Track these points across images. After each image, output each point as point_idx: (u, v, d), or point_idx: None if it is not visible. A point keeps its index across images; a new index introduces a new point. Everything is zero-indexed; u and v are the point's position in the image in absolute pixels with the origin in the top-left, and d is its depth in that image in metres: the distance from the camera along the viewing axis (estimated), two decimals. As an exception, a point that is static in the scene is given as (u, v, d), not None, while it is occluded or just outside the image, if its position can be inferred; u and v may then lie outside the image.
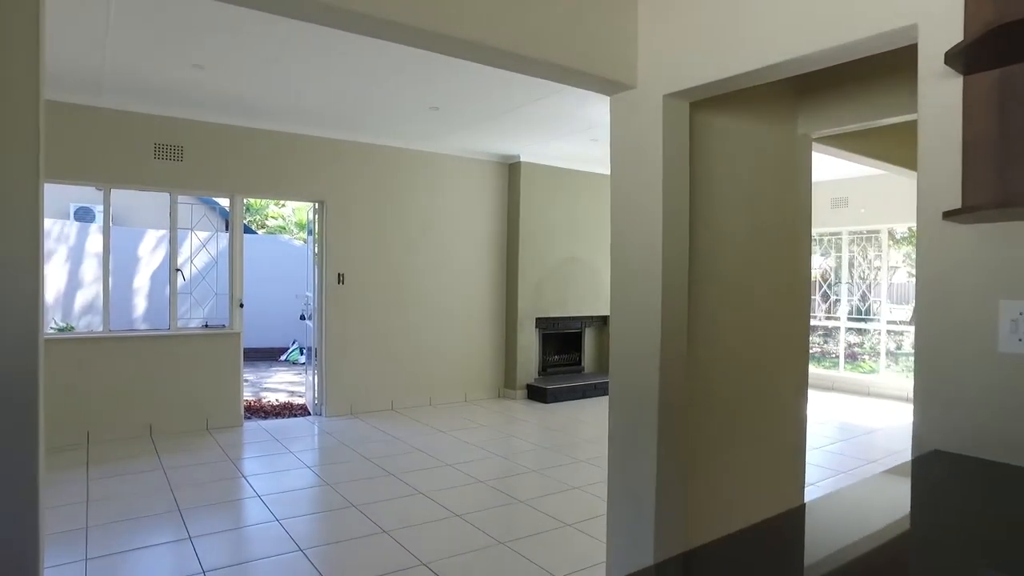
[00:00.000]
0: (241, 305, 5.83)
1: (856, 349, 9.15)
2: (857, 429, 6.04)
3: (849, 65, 2.96)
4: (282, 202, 19.47)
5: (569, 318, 7.92)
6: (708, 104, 2.66)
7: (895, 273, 9.25)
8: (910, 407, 7.13)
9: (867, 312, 9.68)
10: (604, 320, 8.25)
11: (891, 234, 8.63)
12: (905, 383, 7.80)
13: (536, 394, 7.34)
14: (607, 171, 8.10)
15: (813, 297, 9.45)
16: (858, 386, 8.09)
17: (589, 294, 8.04)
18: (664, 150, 2.39)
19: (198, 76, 4.45)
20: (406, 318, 6.73)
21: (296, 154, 6.01)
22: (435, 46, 2.11)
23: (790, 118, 3.23)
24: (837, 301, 9.31)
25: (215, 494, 3.99)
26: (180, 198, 5.59)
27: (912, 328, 11.54)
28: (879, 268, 9.56)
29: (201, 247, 5.86)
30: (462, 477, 4.42)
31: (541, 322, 7.63)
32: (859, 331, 8.87)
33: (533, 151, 7.03)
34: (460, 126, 5.90)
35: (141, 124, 5.21)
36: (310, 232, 6.85)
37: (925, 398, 1.69)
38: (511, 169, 7.47)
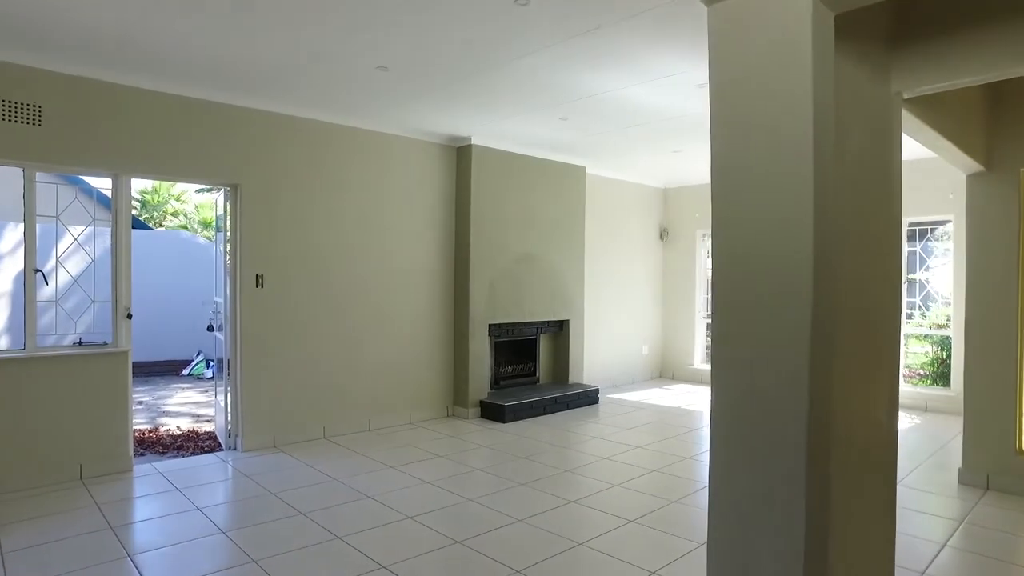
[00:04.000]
0: (129, 316, 4.56)
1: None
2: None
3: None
4: (183, 197, 17.52)
5: (524, 324, 7.03)
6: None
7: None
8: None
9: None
10: (561, 325, 7.43)
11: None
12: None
13: (491, 412, 6.40)
14: (571, 160, 7.29)
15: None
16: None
17: (547, 296, 7.19)
18: (815, 85, 1.53)
19: (57, 3, 3.21)
20: (339, 327, 5.62)
21: (202, 124, 4.78)
22: None
23: (882, 69, 2.47)
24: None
25: (86, 589, 2.81)
26: (39, 176, 4.25)
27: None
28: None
29: (74, 243, 4.53)
30: (433, 537, 3.42)
31: (494, 329, 6.70)
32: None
33: (487, 131, 6.09)
34: (408, 95, 4.87)
35: (-20, 74, 3.87)
36: (219, 229, 5.61)
37: None
38: (460, 153, 6.50)
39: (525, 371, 7.35)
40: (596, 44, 3.74)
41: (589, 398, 7.18)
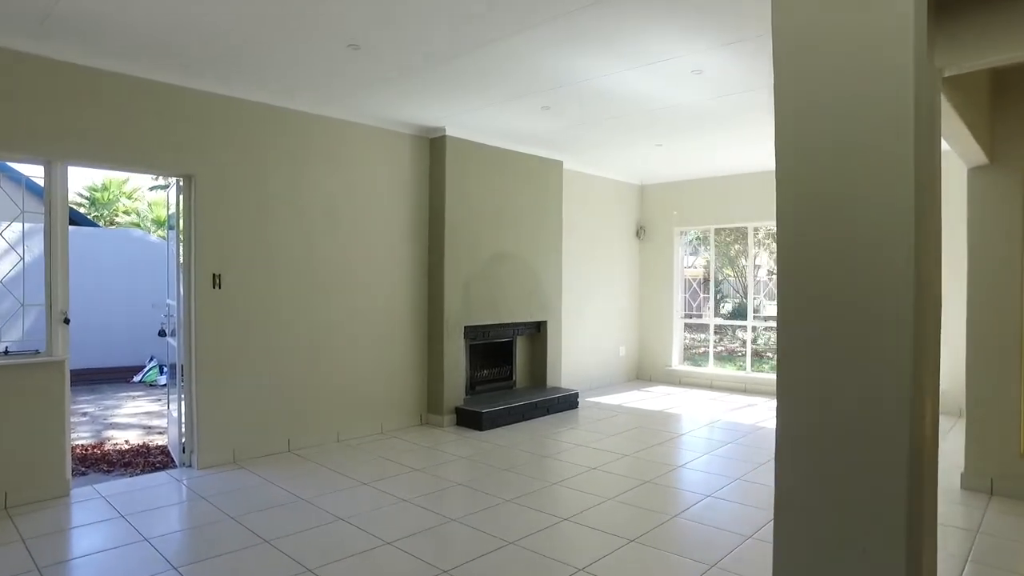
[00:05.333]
0: (67, 321, 4.06)
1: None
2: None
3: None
4: (135, 195, 16.65)
5: (500, 325, 6.70)
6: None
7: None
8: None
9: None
10: (538, 326, 7.12)
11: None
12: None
13: (468, 419, 6.05)
14: (549, 154, 6.99)
15: (704, 295, 8.93)
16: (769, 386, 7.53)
17: (523, 297, 6.87)
18: (915, 43, 1.25)
19: (-26, -44, 2.76)
20: (304, 330, 5.19)
21: (151, 108, 4.31)
22: None
23: (927, 42, 2.22)
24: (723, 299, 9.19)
25: (5, 647, 2.36)
26: (-42, 162, 3.74)
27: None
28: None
29: None
30: (415, 567, 3.06)
31: (469, 331, 6.35)
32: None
33: (462, 122, 5.74)
34: (379, 78, 4.49)
35: None
36: (171, 227, 5.14)
37: None
38: (433, 145, 6.13)
39: (501, 375, 7.03)
40: (586, 24, 3.43)
41: (568, 402, 6.89)
